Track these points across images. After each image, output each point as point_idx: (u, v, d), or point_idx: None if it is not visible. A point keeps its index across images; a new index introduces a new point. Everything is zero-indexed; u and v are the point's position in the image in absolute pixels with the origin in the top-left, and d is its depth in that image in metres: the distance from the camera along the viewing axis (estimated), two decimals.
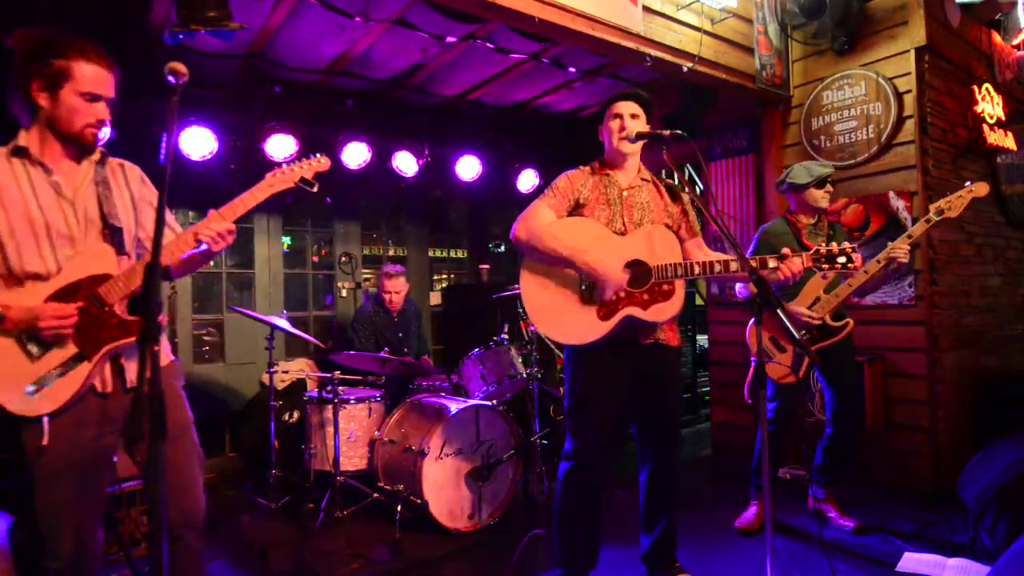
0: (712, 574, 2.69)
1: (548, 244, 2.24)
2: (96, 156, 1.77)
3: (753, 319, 3.11)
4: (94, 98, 1.67)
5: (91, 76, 1.65)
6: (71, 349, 1.62)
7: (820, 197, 3.06)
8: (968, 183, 2.83)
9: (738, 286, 3.11)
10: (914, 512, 3.27)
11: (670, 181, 2.54)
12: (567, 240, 2.24)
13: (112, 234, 1.71)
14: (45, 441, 1.58)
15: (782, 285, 2.41)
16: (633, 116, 2.36)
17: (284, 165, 1.89)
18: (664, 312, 2.28)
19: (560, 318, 2.28)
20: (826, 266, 2.16)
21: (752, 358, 3.06)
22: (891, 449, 3.78)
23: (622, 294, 2.26)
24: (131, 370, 1.72)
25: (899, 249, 2.80)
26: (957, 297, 3.96)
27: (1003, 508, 2.51)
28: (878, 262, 2.84)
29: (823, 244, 2.23)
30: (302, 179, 1.88)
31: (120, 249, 1.72)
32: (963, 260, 4.07)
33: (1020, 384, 4.17)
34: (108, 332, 1.65)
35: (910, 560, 2.69)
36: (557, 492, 2.37)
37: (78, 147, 1.72)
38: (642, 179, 2.45)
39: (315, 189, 1.91)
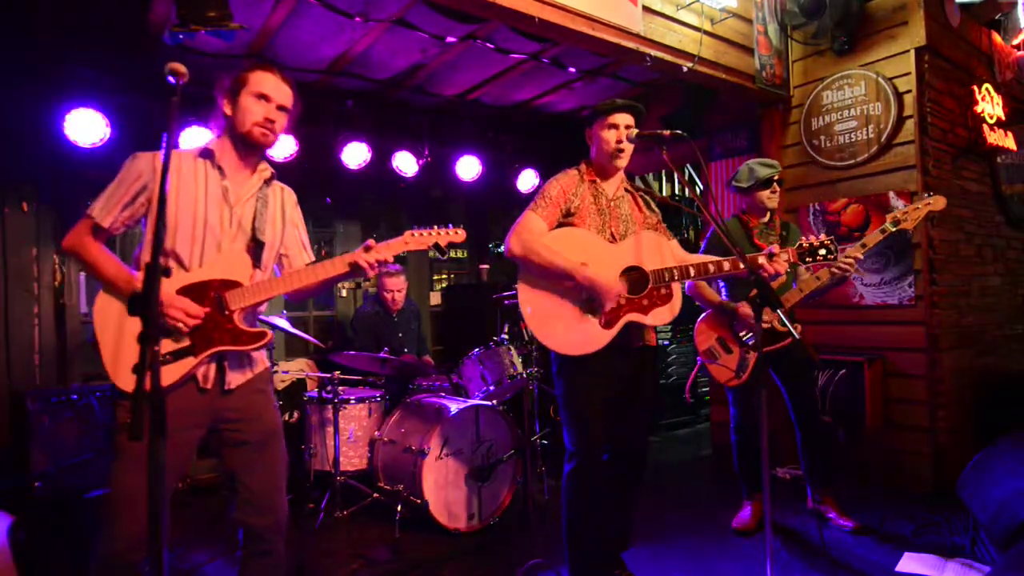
0: (712, 574, 2.69)
1: (546, 258, 2.24)
2: (266, 175, 1.91)
3: (702, 316, 3.11)
4: (264, 98, 1.80)
5: (263, 80, 1.80)
6: (184, 341, 1.71)
7: (767, 198, 3.06)
8: (927, 194, 2.81)
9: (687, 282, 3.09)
10: (914, 512, 3.27)
11: (645, 189, 2.56)
12: (565, 253, 2.24)
13: (255, 247, 1.83)
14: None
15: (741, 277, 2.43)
16: (627, 127, 2.36)
17: (423, 228, 1.94)
18: (664, 315, 2.30)
19: (563, 329, 2.27)
20: (809, 259, 2.29)
21: (699, 358, 3.08)
22: (891, 449, 3.78)
23: (622, 301, 2.26)
24: (230, 374, 1.80)
25: (851, 258, 2.73)
26: (957, 297, 3.96)
27: None
28: (831, 272, 2.82)
29: (776, 243, 2.29)
30: (435, 244, 1.95)
31: (257, 262, 1.83)
32: (963, 260, 4.07)
33: (1020, 384, 4.17)
34: (220, 335, 1.74)
35: (910, 561, 2.69)
36: (564, 491, 2.35)
37: (250, 150, 1.86)
38: (625, 189, 2.47)
39: (444, 257, 2.05)
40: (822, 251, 2.29)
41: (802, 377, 3.08)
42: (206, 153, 1.81)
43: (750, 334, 2.93)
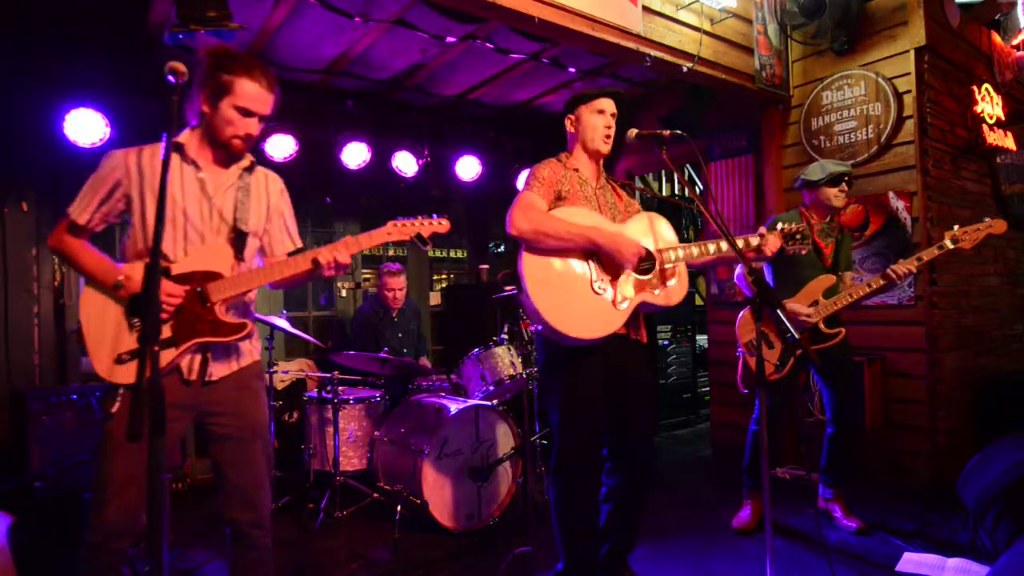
0: (712, 574, 2.69)
1: (560, 227, 2.15)
2: (246, 163, 1.88)
3: (743, 311, 3.11)
4: (247, 113, 1.77)
5: (249, 93, 1.76)
6: (165, 332, 1.70)
7: (833, 196, 3.04)
8: (987, 219, 2.89)
9: (737, 271, 3.11)
10: (914, 512, 3.27)
11: (624, 180, 2.56)
12: (579, 222, 2.20)
13: (237, 238, 1.81)
14: (115, 408, 1.66)
15: (765, 261, 2.49)
16: (612, 115, 2.35)
17: (406, 219, 1.95)
18: (673, 295, 2.29)
19: (575, 312, 2.15)
20: (791, 243, 2.45)
21: (740, 350, 3.08)
22: (891, 449, 3.79)
23: (633, 282, 2.24)
24: (213, 366, 1.80)
25: (905, 269, 2.82)
26: (957, 297, 3.96)
27: (1004, 510, 2.49)
28: (882, 278, 2.87)
29: (832, 245, 2.35)
30: (418, 235, 1.94)
31: (239, 253, 1.82)
32: (963, 260, 4.07)
33: (1020, 384, 4.17)
34: (202, 326, 1.74)
35: (910, 560, 2.69)
36: (552, 504, 2.30)
37: (227, 154, 1.83)
38: (606, 180, 2.45)
39: (427, 248, 1.98)
40: (798, 236, 2.45)
41: (845, 377, 3.09)
42: (177, 147, 1.78)
43: (799, 332, 2.97)
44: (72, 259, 1.76)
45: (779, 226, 2.45)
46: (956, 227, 2.87)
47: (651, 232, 2.34)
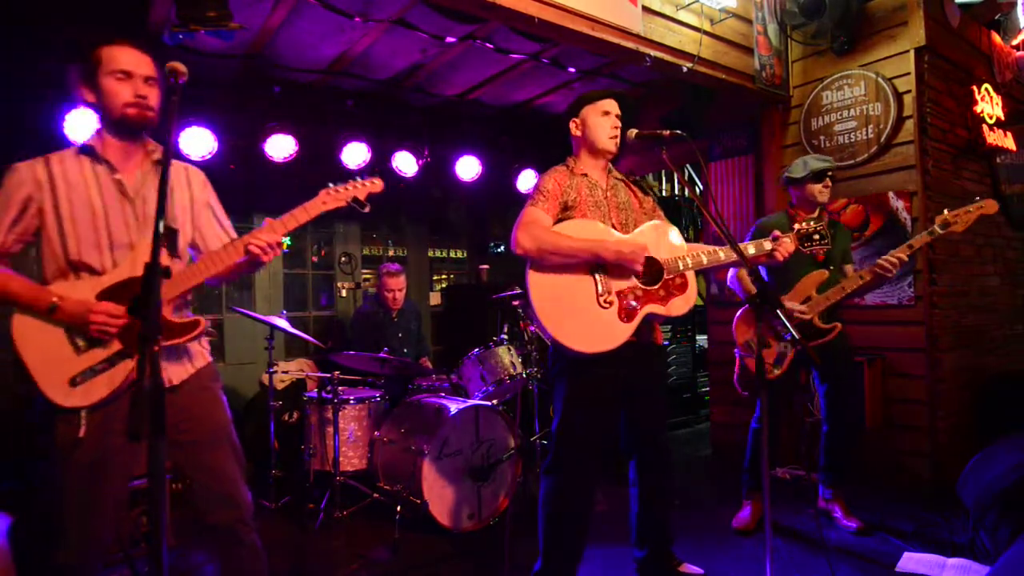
0: (712, 574, 2.69)
1: (564, 244, 2.15)
2: (156, 156, 1.80)
3: (740, 311, 3.11)
4: (126, 75, 1.68)
5: (117, 55, 1.67)
6: (115, 346, 1.65)
7: (818, 192, 3.04)
8: (977, 198, 2.82)
9: (730, 274, 3.10)
10: (914, 512, 3.27)
11: (635, 178, 2.54)
12: (582, 236, 2.20)
13: (168, 235, 1.74)
14: (82, 433, 1.60)
15: (775, 266, 2.45)
16: (618, 116, 2.36)
17: (338, 184, 1.91)
18: (681, 305, 2.29)
19: (582, 327, 2.16)
20: (808, 244, 2.32)
21: (737, 350, 3.07)
22: (891, 449, 3.78)
23: (639, 293, 2.24)
24: (168, 370, 1.74)
25: (895, 257, 2.79)
26: (957, 297, 3.96)
27: (1005, 511, 2.50)
28: (873, 269, 2.84)
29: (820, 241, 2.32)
30: (355, 199, 1.90)
31: (173, 251, 1.77)
32: (963, 260, 4.07)
33: (1020, 384, 4.17)
34: None
35: (910, 560, 2.69)
36: (541, 505, 2.31)
37: (131, 135, 1.74)
38: (616, 178, 2.45)
39: (367, 210, 1.93)
40: (816, 236, 2.34)
41: (844, 374, 3.07)
42: (86, 149, 1.71)
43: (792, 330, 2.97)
44: None
45: (795, 227, 2.38)
46: (946, 211, 2.82)
47: (659, 240, 2.33)
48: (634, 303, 2.23)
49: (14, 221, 1.66)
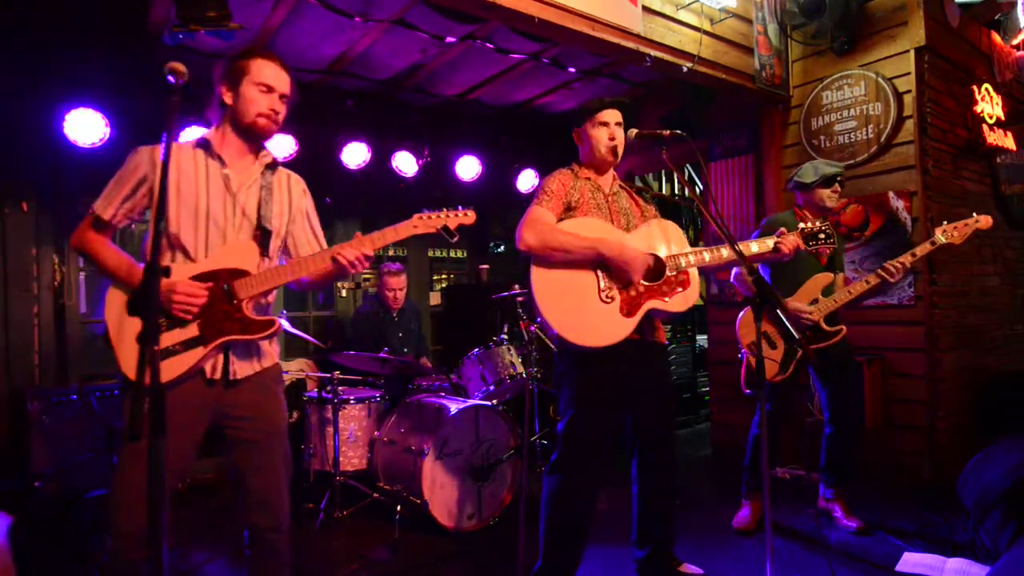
0: (712, 574, 2.69)
1: (567, 240, 2.19)
2: (267, 160, 1.90)
3: (742, 312, 3.11)
4: (268, 89, 1.80)
5: (265, 69, 1.80)
6: (193, 330, 1.70)
7: (827, 197, 3.04)
8: (974, 214, 2.88)
9: (733, 272, 3.10)
10: (914, 512, 3.27)
11: (639, 186, 2.58)
12: (585, 234, 2.23)
13: (262, 235, 1.83)
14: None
15: (782, 262, 2.46)
16: (618, 124, 2.37)
17: (432, 211, 1.95)
18: (684, 301, 2.31)
19: (584, 321, 2.20)
20: (812, 243, 2.36)
21: (743, 351, 3.07)
22: (891, 449, 3.78)
23: (641, 289, 2.26)
24: (236, 364, 1.79)
25: (899, 263, 2.83)
26: (957, 297, 3.96)
27: (1007, 513, 2.50)
28: (879, 273, 2.87)
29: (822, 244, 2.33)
30: (445, 227, 1.94)
31: (264, 251, 1.84)
32: (962, 260, 4.07)
33: (1020, 384, 4.17)
34: (230, 325, 1.74)
35: (910, 560, 2.69)
36: (543, 504, 2.33)
37: (252, 140, 1.86)
38: (619, 186, 2.48)
39: (455, 239, 1.97)
40: (821, 235, 2.37)
41: (847, 376, 3.08)
42: (203, 143, 1.81)
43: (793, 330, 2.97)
44: (94, 256, 1.75)
45: (800, 224, 2.41)
46: (945, 223, 2.89)
47: (662, 238, 2.35)
48: (637, 298, 2.25)
49: (126, 197, 1.75)
